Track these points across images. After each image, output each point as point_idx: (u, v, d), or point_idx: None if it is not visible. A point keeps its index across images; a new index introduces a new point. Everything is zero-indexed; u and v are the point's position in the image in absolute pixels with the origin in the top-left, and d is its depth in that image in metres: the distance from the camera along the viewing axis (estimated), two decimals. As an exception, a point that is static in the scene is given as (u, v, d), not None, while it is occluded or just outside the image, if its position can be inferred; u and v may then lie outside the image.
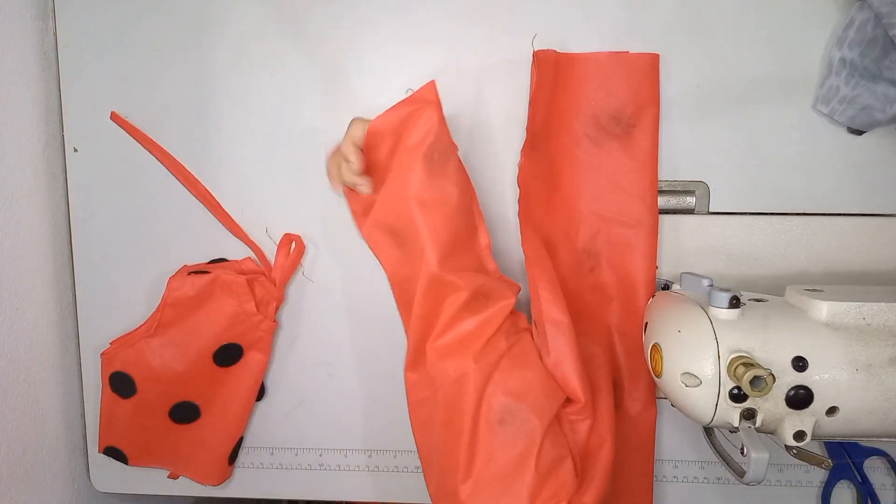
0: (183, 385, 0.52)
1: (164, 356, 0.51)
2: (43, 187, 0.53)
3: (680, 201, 0.51)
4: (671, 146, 0.50)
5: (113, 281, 0.55)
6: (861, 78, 0.46)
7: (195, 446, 0.55)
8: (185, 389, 0.52)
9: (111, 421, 0.53)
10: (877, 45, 0.45)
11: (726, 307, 0.41)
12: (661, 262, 0.51)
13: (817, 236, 0.50)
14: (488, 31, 0.50)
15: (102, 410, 0.53)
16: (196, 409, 0.53)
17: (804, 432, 0.39)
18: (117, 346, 0.52)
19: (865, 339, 0.40)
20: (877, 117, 0.46)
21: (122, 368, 0.52)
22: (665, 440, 0.53)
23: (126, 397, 0.52)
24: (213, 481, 0.56)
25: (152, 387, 0.52)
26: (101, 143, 0.53)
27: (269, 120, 0.52)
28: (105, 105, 0.53)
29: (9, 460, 0.49)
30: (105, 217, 0.54)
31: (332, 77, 0.51)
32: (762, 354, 0.39)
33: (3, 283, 0.49)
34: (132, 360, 0.52)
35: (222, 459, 0.55)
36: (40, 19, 0.52)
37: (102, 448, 0.54)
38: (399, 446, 0.56)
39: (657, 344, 0.44)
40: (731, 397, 0.39)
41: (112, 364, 0.52)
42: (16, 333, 0.50)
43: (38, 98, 0.52)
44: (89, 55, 0.52)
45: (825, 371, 0.39)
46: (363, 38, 0.51)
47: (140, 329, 0.52)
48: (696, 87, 0.49)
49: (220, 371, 0.52)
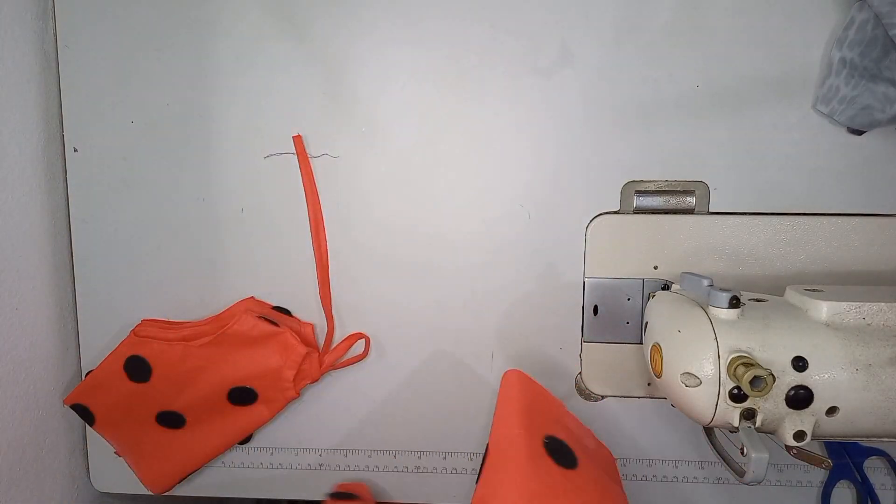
0: (187, 397, 0.52)
1: (190, 365, 0.51)
2: (43, 187, 0.53)
3: (680, 201, 0.51)
4: (671, 146, 0.50)
5: (113, 281, 0.55)
6: (861, 78, 0.46)
7: (161, 450, 0.55)
8: (185, 401, 0.53)
9: (99, 389, 0.53)
10: (877, 45, 0.45)
11: (726, 307, 0.41)
12: (661, 262, 0.51)
13: (817, 236, 0.50)
14: (488, 31, 0.50)
15: (97, 375, 0.53)
16: (182, 420, 0.54)
17: (804, 432, 0.39)
18: (155, 331, 0.52)
19: (865, 339, 0.39)
20: (877, 117, 0.46)
21: (147, 357, 0.52)
22: (665, 440, 0.53)
23: (135, 381, 0.52)
24: (155, 489, 0.56)
25: (161, 386, 0.52)
26: (101, 143, 0.53)
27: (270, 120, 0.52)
28: (105, 105, 0.53)
29: (9, 460, 0.49)
30: (105, 217, 0.54)
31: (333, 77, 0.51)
32: (762, 354, 0.39)
33: (3, 283, 0.49)
34: (160, 353, 0.52)
35: (176, 475, 0.55)
36: (40, 19, 0.52)
37: (72, 402, 0.53)
38: (399, 446, 0.56)
39: (657, 344, 0.44)
40: (731, 397, 0.39)
41: (139, 347, 0.52)
42: (16, 333, 0.50)
43: (38, 98, 0.52)
44: (89, 55, 0.52)
45: (825, 371, 0.39)
46: (363, 38, 0.51)
47: (185, 331, 0.52)
48: (696, 87, 0.49)
49: (226, 404, 0.53)
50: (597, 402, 0.54)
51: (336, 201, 0.53)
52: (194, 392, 0.52)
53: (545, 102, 0.50)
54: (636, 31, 0.49)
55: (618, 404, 0.53)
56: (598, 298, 0.52)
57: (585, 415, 0.53)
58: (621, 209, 0.51)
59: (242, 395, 0.53)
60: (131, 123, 0.53)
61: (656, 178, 0.51)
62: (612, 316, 0.52)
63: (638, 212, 0.51)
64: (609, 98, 0.50)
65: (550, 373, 0.53)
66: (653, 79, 0.49)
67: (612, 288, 0.52)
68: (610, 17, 0.49)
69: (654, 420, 0.53)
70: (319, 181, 0.52)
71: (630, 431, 0.53)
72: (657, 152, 0.50)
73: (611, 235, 0.51)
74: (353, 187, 0.52)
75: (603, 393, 0.53)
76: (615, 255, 0.51)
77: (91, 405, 0.54)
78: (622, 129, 0.50)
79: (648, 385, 0.53)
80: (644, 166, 0.50)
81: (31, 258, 0.52)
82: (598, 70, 0.49)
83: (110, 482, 0.58)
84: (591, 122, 0.50)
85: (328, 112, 0.52)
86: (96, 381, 0.53)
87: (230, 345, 0.51)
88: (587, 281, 0.52)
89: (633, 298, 0.52)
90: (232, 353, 0.52)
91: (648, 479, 0.54)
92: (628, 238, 0.51)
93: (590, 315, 0.52)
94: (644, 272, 0.51)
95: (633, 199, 0.51)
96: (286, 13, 0.51)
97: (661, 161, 0.50)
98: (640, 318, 0.52)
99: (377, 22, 0.50)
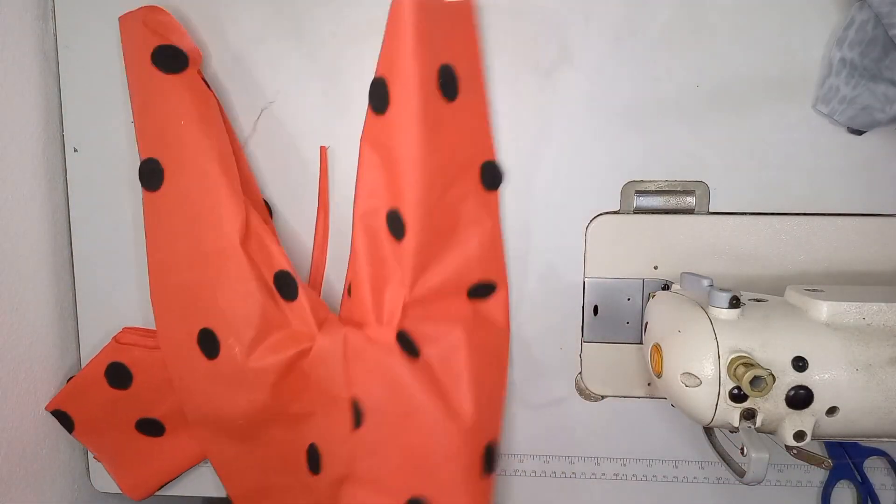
0: (167, 405, 0.52)
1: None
2: (43, 187, 0.53)
3: (680, 201, 0.51)
4: (671, 146, 0.50)
5: (113, 281, 0.55)
6: (861, 78, 0.46)
7: (140, 457, 0.55)
8: (165, 409, 0.53)
9: (80, 395, 0.53)
10: (877, 45, 0.45)
11: (726, 307, 0.41)
12: (661, 262, 0.51)
13: (817, 236, 0.50)
14: (488, 31, 0.50)
15: (78, 381, 0.53)
16: (162, 429, 0.54)
17: (804, 432, 0.39)
18: (136, 338, 0.52)
19: (865, 339, 0.40)
20: (877, 117, 0.46)
21: (128, 364, 0.52)
22: (665, 440, 0.53)
23: (116, 388, 0.52)
24: (134, 496, 0.56)
25: (142, 393, 0.52)
26: (101, 143, 0.53)
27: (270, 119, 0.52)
28: (105, 105, 0.53)
29: (9, 460, 0.49)
30: (105, 217, 0.54)
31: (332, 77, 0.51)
32: (762, 354, 0.39)
33: (3, 283, 0.49)
34: (141, 360, 0.52)
35: (155, 483, 0.55)
36: (40, 19, 0.52)
37: (52, 409, 0.53)
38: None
39: (657, 344, 0.44)
40: (731, 397, 0.39)
41: (120, 354, 0.52)
42: (16, 333, 0.50)
43: (38, 98, 0.52)
44: (89, 55, 0.52)
45: (825, 371, 0.39)
46: (363, 38, 0.51)
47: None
48: (696, 87, 0.49)
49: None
50: (597, 402, 0.54)
51: (336, 202, 0.53)
52: (175, 400, 0.52)
53: (545, 102, 0.50)
54: (636, 30, 0.49)
55: (618, 404, 0.53)
56: (598, 298, 0.52)
57: (585, 415, 0.53)
58: (621, 209, 0.51)
59: None
60: (131, 123, 0.52)
61: (656, 178, 0.51)
62: (612, 316, 0.52)
63: (638, 212, 0.51)
64: (609, 98, 0.50)
65: (550, 373, 0.54)
66: (653, 79, 0.49)
67: (612, 288, 0.52)
68: (610, 17, 0.49)
69: (654, 420, 0.53)
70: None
71: (630, 431, 0.53)
72: (657, 152, 0.50)
73: (611, 235, 0.51)
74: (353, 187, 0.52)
75: (603, 393, 0.53)
76: (615, 255, 0.51)
77: (71, 411, 0.53)
78: (622, 129, 0.50)
79: (648, 385, 0.53)
80: (644, 166, 0.50)
81: (31, 258, 0.52)
82: (598, 70, 0.49)
83: (110, 482, 0.58)
84: (591, 122, 0.50)
85: (328, 112, 0.52)
86: (77, 388, 0.53)
87: None
88: (587, 281, 0.52)
89: (633, 298, 0.52)
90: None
91: (648, 479, 0.54)
92: (628, 238, 0.51)
93: (590, 315, 0.52)
94: (644, 272, 0.51)
95: (633, 199, 0.51)
96: (286, 13, 0.51)
97: (661, 161, 0.50)
98: (640, 318, 0.52)
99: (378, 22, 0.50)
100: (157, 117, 0.47)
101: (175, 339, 0.49)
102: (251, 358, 0.47)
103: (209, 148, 0.46)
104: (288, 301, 0.48)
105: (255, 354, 0.47)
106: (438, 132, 0.45)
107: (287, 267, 0.48)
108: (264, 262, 0.48)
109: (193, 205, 0.47)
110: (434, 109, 0.45)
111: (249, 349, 0.47)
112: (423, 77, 0.44)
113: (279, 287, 0.48)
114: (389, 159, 0.46)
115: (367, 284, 0.47)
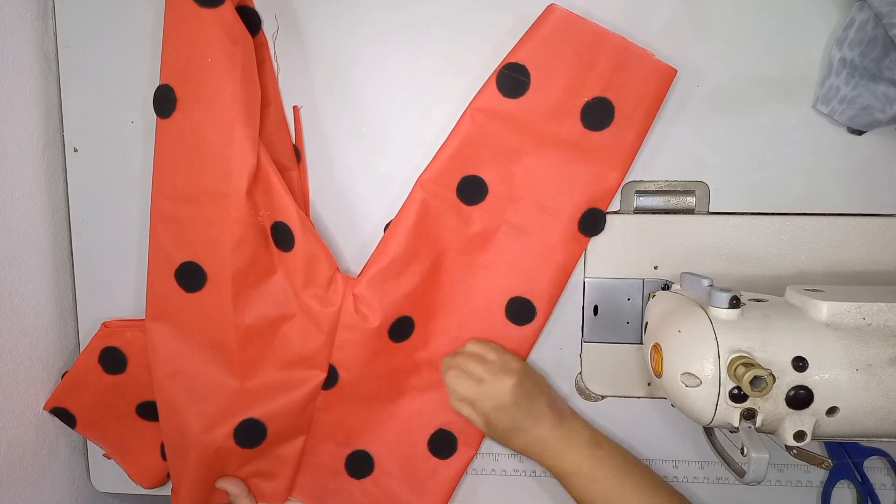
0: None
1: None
2: (43, 187, 0.53)
3: (680, 201, 0.51)
4: (671, 146, 0.50)
5: (113, 281, 0.55)
6: (861, 78, 0.46)
7: (145, 444, 0.54)
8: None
9: (77, 388, 0.53)
10: (877, 45, 0.45)
11: (726, 307, 0.41)
12: (661, 262, 0.51)
13: (817, 236, 0.50)
14: (489, 31, 0.50)
15: (73, 374, 0.53)
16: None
17: (804, 432, 0.39)
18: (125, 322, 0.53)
19: (865, 339, 0.40)
20: (877, 117, 0.46)
21: (121, 346, 0.52)
22: (665, 440, 0.53)
23: (112, 373, 0.52)
24: (146, 484, 0.56)
25: (138, 375, 0.52)
26: (101, 143, 0.53)
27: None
28: (105, 105, 0.53)
29: (9, 460, 0.49)
30: (105, 217, 0.54)
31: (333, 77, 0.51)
32: (762, 354, 0.39)
33: (3, 282, 0.49)
34: (134, 341, 0.52)
35: (165, 468, 0.55)
36: (40, 19, 0.52)
37: (51, 407, 0.53)
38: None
39: (657, 344, 0.44)
40: (731, 397, 0.39)
41: (112, 339, 0.52)
42: (16, 333, 0.50)
43: (38, 98, 0.52)
44: (89, 55, 0.52)
45: (825, 371, 0.39)
46: (364, 38, 0.51)
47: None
48: (696, 86, 0.49)
49: None
50: (597, 402, 0.54)
51: (336, 202, 0.53)
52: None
53: (545, 102, 0.50)
54: (636, 30, 0.49)
55: (618, 404, 0.53)
56: (598, 298, 0.52)
57: (585, 415, 0.53)
58: (621, 209, 0.51)
59: None
60: (131, 123, 0.53)
61: (656, 178, 0.51)
62: (612, 316, 0.52)
63: (638, 212, 0.51)
64: (609, 98, 0.50)
65: (550, 373, 0.54)
66: (653, 79, 0.49)
67: (612, 288, 0.52)
68: (610, 17, 0.49)
69: (654, 420, 0.53)
70: (317, 182, 0.52)
71: (630, 431, 0.53)
72: (657, 152, 0.50)
73: (611, 235, 0.51)
74: (352, 187, 0.52)
75: (603, 393, 0.53)
76: (615, 255, 0.51)
77: (71, 406, 0.53)
78: (622, 129, 0.50)
79: (648, 385, 0.53)
80: (644, 166, 0.50)
81: (31, 258, 0.52)
82: (598, 70, 0.49)
83: (110, 482, 0.58)
84: (591, 122, 0.50)
85: (328, 112, 0.52)
86: (73, 381, 0.53)
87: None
88: (587, 281, 0.52)
89: (633, 298, 0.52)
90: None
91: (648, 479, 0.54)
92: (628, 238, 0.51)
93: (590, 315, 0.52)
94: (644, 272, 0.51)
95: (633, 199, 0.51)
96: (286, 13, 0.51)
97: (661, 161, 0.50)
98: (640, 318, 0.52)
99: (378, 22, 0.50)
100: (183, 49, 0.46)
101: (158, 269, 0.49)
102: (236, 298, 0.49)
103: (230, 92, 0.45)
104: (284, 251, 0.49)
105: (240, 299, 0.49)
106: (561, 146, 0.49)
107: (288, 217, 0.48)
108: (266, 208, 0.48)
109: (201, 142, 0.46)
110: (569, 126, 0.48)
111: (233, 282, 0.48)
112: (571, 87, 0.47)
113: (275, 235, 0.49)
114: (503, 139, 0.49)
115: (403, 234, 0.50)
